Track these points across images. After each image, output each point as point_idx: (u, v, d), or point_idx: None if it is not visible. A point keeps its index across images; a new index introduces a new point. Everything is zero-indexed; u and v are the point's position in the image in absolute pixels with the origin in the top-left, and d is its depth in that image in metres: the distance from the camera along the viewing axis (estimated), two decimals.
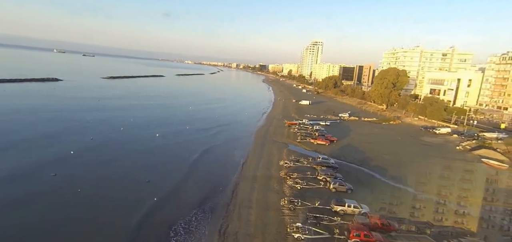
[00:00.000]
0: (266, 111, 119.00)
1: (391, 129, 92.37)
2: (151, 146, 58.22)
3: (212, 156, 56.06)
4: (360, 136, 78.08)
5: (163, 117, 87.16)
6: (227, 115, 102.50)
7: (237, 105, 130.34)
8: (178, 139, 65.17)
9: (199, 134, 70.64)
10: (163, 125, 77.04)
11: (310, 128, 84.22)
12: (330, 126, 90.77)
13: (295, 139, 71.26)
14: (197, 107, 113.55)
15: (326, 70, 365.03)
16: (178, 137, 66.79)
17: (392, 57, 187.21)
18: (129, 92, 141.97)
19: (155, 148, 57.49)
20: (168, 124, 79.38)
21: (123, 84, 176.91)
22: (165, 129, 72.74)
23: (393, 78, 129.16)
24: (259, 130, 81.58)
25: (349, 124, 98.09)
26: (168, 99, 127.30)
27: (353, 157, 58.78)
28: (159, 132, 68.57)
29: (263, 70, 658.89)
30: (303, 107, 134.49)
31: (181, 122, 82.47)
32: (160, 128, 72.04)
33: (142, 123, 77.26)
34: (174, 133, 69.22)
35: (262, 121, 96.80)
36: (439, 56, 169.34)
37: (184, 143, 62.29)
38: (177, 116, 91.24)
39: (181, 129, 73.61)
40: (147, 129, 71.16)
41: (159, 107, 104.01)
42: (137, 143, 59.93)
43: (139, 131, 68.48)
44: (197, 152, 56.53)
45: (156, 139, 63.49)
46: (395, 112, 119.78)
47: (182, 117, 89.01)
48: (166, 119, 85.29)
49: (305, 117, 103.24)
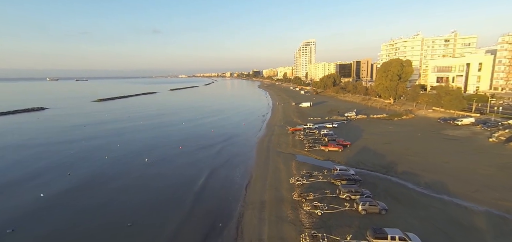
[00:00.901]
0: (265, 119, 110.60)
1: (406, 124, 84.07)
2: (137, 177, 49.40)
3: (208, 181, 47.11)
4: (374, 136, 69.67)
5: (154, 139, 78.42)
6: (224, 128, 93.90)
7: (234, 116, 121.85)
8: (169, 164, 56.34)
9: (193, 156, 61.76)
10: (153, 148, 68.29)
11: (317, 132, 75.82)
12: (338, 128, 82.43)
13: (303, 147, 62.71)
14: (191, 123, 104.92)
15: (322, 69, 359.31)
16: (170, 162, 57.92)
17: (391, 49, 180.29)
18: (119, 114, 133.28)
19: (141, 179, 48.65)
20: (159, 146, 70.60)
21: (114, 106, 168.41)
22: (156, 153, 63.98)
23: (398, 69, 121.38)
24: (261, 141, 73.00)
25: (358, 123, 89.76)
26: (160, 117, 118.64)
27: (374, 163, 50.23)
28: (149, 157, 59.83)
29: (258, 76, 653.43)
30: (304, 109, 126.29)
31: (174, 142, 73.71)
32: (149, 153, 63.29)
33: (130, 148, 68.45)
34: (165, 157, 60.36)
35: (263, 130, 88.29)
36: (441, 42, 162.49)
37: (175, 169, 53.34)
38: (170, 136, 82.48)
39: (173, 152, 64.73)
40: (135, 155, 62.34)
41: (150, 128, 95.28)
42: (122, 174, 51.08)
43: (126, 159, 59.62)
44: (190, 179, 47.65)
45: (144, 167, 54.67)
46: (404, 106, 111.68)
47: (174, 137, 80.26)
48: (156, 140, 76.56)
49: (309, 121, 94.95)
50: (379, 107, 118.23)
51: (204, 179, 47.56)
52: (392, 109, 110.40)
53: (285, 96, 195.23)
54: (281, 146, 66.12)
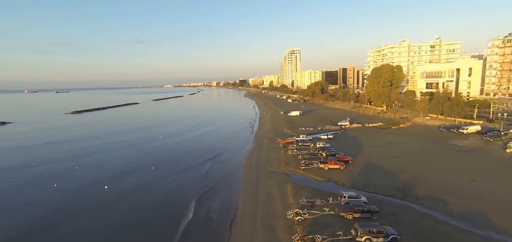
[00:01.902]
0: (253, 130, 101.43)
1: (406, 133, 77.32)
2: (85, 218, 38.46)
3: (177, 221, 36.71)
4: (376, 149, 61.93)
5: (122, 159, 67.17)
6: (207, 142, 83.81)
7: (219, 128, 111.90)
8: (132, 195, 45.25)
9: (164, 182, 51.03)
10: (118, 171, 57.17)
11: (311, 145, 67.33)
12: (334, 139, 74.43)
13: (298, 165, 53.78)
14: (171, 138, 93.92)
15: (308, 77, 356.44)
16: (135, 191, 46.96)
17: (378, 55, 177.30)
18: (92, 128, 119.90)
19: (89, 220, 37.76)
20: (126, 169, 59.51)
21: (88, 119, 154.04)
22: (120, 178, 52.98)
23: (389, 75, 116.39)
24: (249, 157, 63.56)
25: (354, 133, 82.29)
26: (136, 132, 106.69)
27: (386, 185, 41.93)
28: (109, 185, 48.87)
29: (244, 85, 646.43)
30: (294, 119, 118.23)
31: (144, 164, 62.70)
32: (112, 179, 52.24)
33: (90, 173, 56.94)
34: (129, 186, 49.24)
35: (251, 144, 78.98)
36: (427, 48, 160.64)
37: (137, 207, 40.84)
38: (143, 155, 71.27)
39: (141, 177, 53.81)
40: (93, 183, 50.89)
41: (123, 145, 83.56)
42: (68, 214, 39.88)
43: (80, 190, 48.11)
44: (154, 220, 37.25)
45: (99, 200, 43.60)
46: (398, 113, 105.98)
47: (149, 156, 69.16)
48: (125, 161, 65.35)
49: (301, 132, 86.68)
50: (373, 115, 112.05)
51: (169, 221, 37.27)
52: (386, 117, 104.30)
53: (273, 105, 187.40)
54: (272, 163, 56.93)
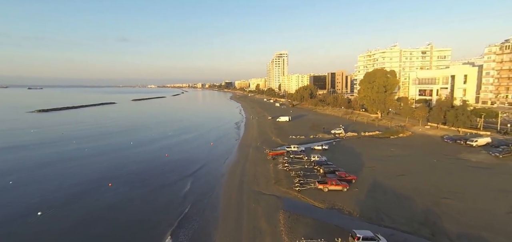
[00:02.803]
0: (238, 137, 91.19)
1: (407, 144, 69.77)
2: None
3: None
4: (379, 163, 53.50)
5: (76, 174, 54.98)
6: (184, 152, 72.75)
7: (201, 134, 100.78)
8: (72, 228, 34.15)
9: (115, 209, 40.16)
10: (64, 191, 45.32)
11: (305, 158, 58.05)
12: (329, 151, 65.66)
13: (291, 184, 44.13)
14: (143, 145, 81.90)
15: (296, 81, 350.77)
16: (76, 223, 35.70)
17: (369, 60, 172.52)
18: (53, 131, 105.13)
19: None
20: (77, 187, 47.63)
21: (53, 119, 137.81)
22: (64, 201, 41.28)
23: (383, 80, 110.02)
24: (231, 173, 53.32)
25: (351, 143, 73.99)
26: (104, 138, 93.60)
27: (405, 215, 33.02)
28: (46, 212, 37.13)
29: (230, 87, 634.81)
30: (282, 125, 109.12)
31: (104, 179, 50.99)
32: (52, 202, 40.44)
33: (25, 193, 44.57)
34: (73, 213, 37.59)
35: (235, 154, 68.78)
36: (418, 54, 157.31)
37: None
38: (102, 168, 59.07)
39: (91, 199, 42.36)
40: (24, 208, 38.92)
41: (81, 154, 70.76)
42: None
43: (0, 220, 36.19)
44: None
45: (21, 237, 32.01)
46: (394, 121, 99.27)
47: (108, 170, 57.09)
48: (78, 176, 53.26)
49: (291, 141, 77.51)
50: (367, 122, 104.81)
51: None
52: (382, 125, 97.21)
53: (260, 109, 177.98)
54: (259, 181, 46.97)
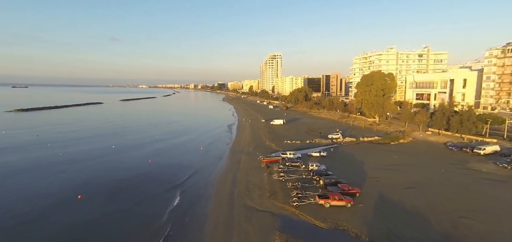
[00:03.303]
0: (230, 141, 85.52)
1: (410, 151, 65.47)
2: None
3: None
4: (383, 173, 48.80)
5: (44, 185, 48.51)
6: (168, 159, 66.72)
7: (190, 137, 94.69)
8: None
9: (79, 230, 34.12)
10: (22, 206, 38.90)
11: (302, 166, 52.96)
12: (328, 158, 60.75)
13: (287, 197, 38.88)
14: (125, 150, 75.36)
15: (289, 83, 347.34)
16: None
17: (364, 62, 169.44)
18: (28, 132, 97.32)
19: None
20: (33, 204, 41.25)
21: (32, 119, 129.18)
22: (19, 220, 34.93)
23: (381, 83, 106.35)
24: (221, 183, 47.73)
25: (350, 149, 69.31)
26: (83, 140, 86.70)
27: (420, 238, 28.08)
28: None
29: (223, 88, 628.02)
30: (277, 129, 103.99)
31: (70, 189, 44.76)
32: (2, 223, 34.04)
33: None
34: (15, 237, 31.65)
35: (225, 160, 63.18)
36: (415, 57, 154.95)
37: None
38: (75, 177, 52.84)
39: (49, 217, 36.27)
40: None
41: (55, 160, 63.97)
42: None
43: None
44: None
45: None
46: (393, 126, 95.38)
47: (82, 179, 50.98)
48: (46, 188, 46.82)
49: (286, 146, 72.42)
50: (365, 127, 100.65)
51: None
52: (380, 129, 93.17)
53: (253, 112, 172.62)
54: (252, 194, 41.54)
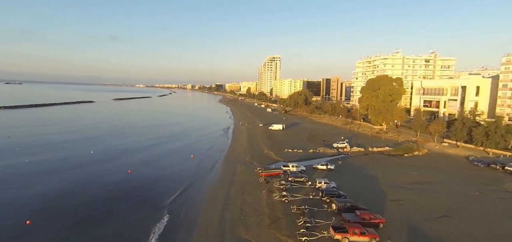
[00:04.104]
0: (224, 148, 76.94)
1: (429, 166, 57.55)
2: None
3: None
4: (405, 194, 40.72)
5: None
6: (152, 169, 58.04)
7: (178, 146, 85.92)
8: None
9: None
10: None
11: (307, 182, 44.69)
12: (336, 172, 52.60)
13: (293, 226, 30.59)
14: (102, 159, 66.20)
15: (288, 86, 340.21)
16: None
17: (368, 66, 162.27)
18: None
19: None
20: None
21: (10, 118, 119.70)
22: None
23: (389, 88, 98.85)
24: (210, 203, 39.24)
25: (359, 161, 61.22)
26: (58, 145, 77.77)
27: None
28: None
29: (220, 90, 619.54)
30: (276, 134, 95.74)
31: (23, 210, 36.00)
32: None
33: None
34: None
35: (217, 171, 54.71)
36: (422, 62, 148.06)
37: None
38: (26, 195, 44.11)
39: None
40: None
41: (11, 171, 55.12)
42: None
43: None
44: None
45: None
46: (403, 135, 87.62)
47: (34, 196, 42.21)
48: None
49: (287, 155, 64.19)
50: (371, 135, 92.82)
51: None
52: (389, 138, 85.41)
53: (250, 115, 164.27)
54: (248, 220, 33.14)
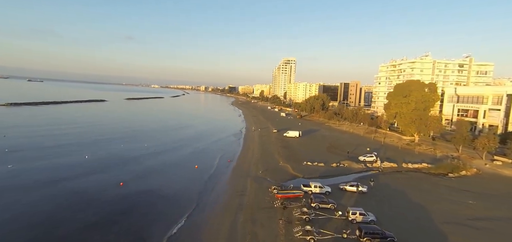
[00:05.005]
0: (233, 157, 67.90)
1: (487, 192, 46.07)
2: None
3: None
4: (468, 235, 30.21)
5: None
6: (147, 184, 49.88)
7: (182, 155, 77.84)
8: None
9: None
10: None
11: (337, 212, 34.88)
12: (369, 195, 42.33)
13: None
14: (97, 168, 59.18)
15: (303, 89, 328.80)
16: None
17: (393, 71, 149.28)
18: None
19: None
20: None
21: (15, 115, 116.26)
22: None
23: (421, 95, 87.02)
24: (210, 239, 30.16)
25: (395, 182, 50.43)
26: (51, 148, 71.49)
27: None
28: None
29: (233, 92, 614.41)
30: (291, 142, 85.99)
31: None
32: None
33: None
34: None
35: (223, 188, 45.74)
36: (455, 67, 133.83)
37: None
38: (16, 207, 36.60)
39: None
40: None
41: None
42: None
43: None
44: None
45: None
46: (440, 148, 75.51)
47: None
48: None
49: (306, 170, 54.33)
50: (401, 147, 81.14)
51: None
52: (423, 152, 73.72)
53: (263, 119, 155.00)
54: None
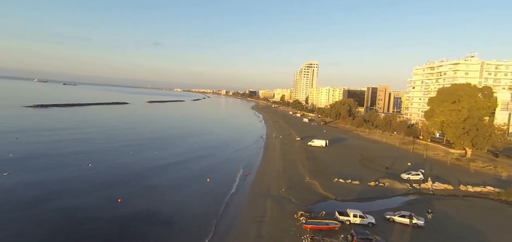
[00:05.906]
0: (250, 170, 59.65)
1: None
2: None
3: None
4: None
5: None
6: (151, 201, 43.08)
7: (195, 165, 71.10)
8: None
9: None
10: None
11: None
12: (426, 231, 32.21)
13: None
14: (100, 173, 53.81)
15: (326, 94, 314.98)
16: None
17: (430, 73, 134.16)
18: (5, 136, 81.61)
19: None
20: None
21: (39, 116, 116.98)
22: None
23: (474, 101, 73.97)
24: None
25: (457, 212, 39.58)
26: (57, 154, 67.64)
27: None
28: None
29: (253, 96, 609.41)
30: (317, 153, 76.39)
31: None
32: None
33: None
34: None
35: (239, 211, 37.67)
36: (508, 70, 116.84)
37: None
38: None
39: None
40: None
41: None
42: None
43: None
44: None
45: None
46: (499, 165, 62.45)
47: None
48: None
49: (338, 188, 44.87)
50: (450, 163, 68.55)
51: None
52: (481, 170, 61.02)
53: (284, 125, 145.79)
54: None
